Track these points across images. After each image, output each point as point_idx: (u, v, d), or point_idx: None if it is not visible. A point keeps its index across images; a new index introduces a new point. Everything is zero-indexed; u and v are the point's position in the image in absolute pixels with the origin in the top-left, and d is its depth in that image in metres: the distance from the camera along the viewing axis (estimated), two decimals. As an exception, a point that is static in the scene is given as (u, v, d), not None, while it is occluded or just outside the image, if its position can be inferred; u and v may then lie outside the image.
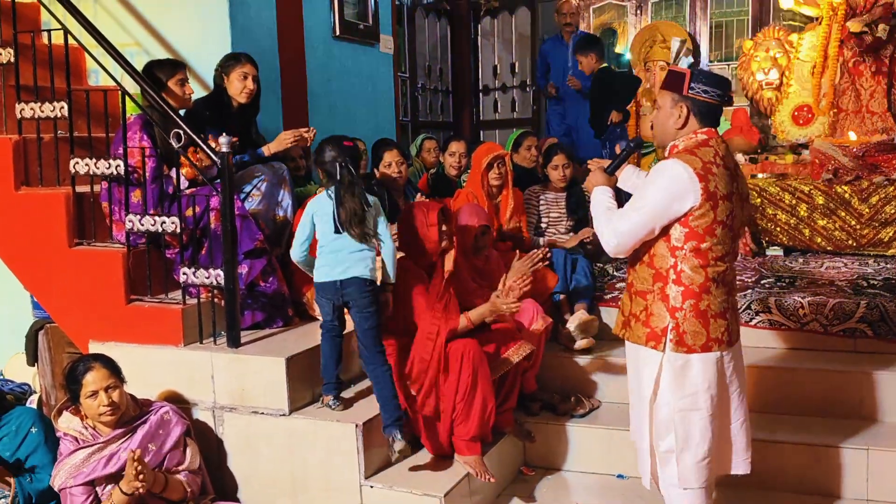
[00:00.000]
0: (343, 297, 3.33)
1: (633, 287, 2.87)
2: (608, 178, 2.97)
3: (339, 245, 3.33)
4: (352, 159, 3.41)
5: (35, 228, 3.79)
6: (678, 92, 2.77)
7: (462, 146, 5.16)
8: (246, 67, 4.07)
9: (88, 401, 3.11)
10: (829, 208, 5.32)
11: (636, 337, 2.83)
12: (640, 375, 2.86)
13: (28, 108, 3.79)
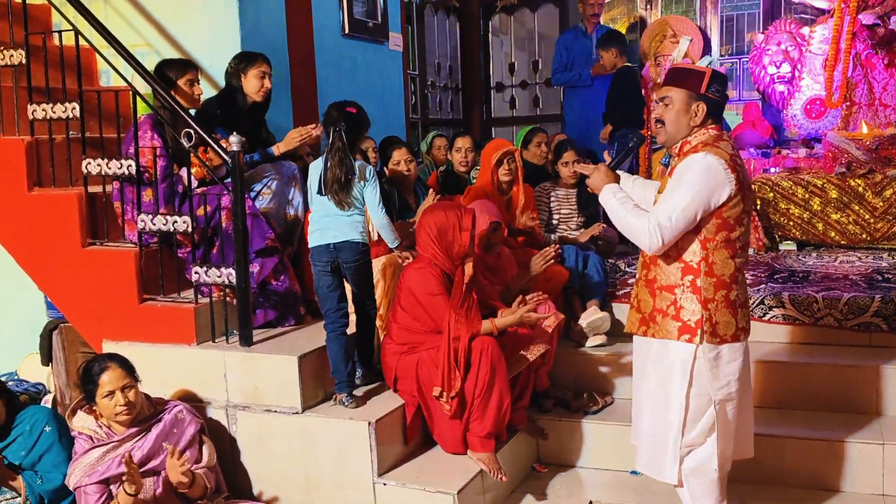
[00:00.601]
0: (338, 260, 3.48)
1: (656, 283, 2.83)
2: (612, 175, 2.96)
3: (328, 209, 3.49)
4: (350, 126, 3.51)
5: (48, 229, 3.81)
6: (695, 90, 2.78)
7: (467, 141, 5.15)
8: (264, 66, 4.11)
9: (104, 401, 3.13)
10: (842, 202, 5.28)
11: (665, 332, 2.80)
12: (665, 371, 2.82)
13: (40, 110, 3.81)
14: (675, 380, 2.80)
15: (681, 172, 2.73)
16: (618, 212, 2.83)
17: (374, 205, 3.56)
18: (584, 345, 4.14)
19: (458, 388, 3.30)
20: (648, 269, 2.88)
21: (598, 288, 4.29)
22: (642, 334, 2.90)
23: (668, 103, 2.83)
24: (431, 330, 3.42)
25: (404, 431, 3.48)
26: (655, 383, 2.87)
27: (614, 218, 2.86)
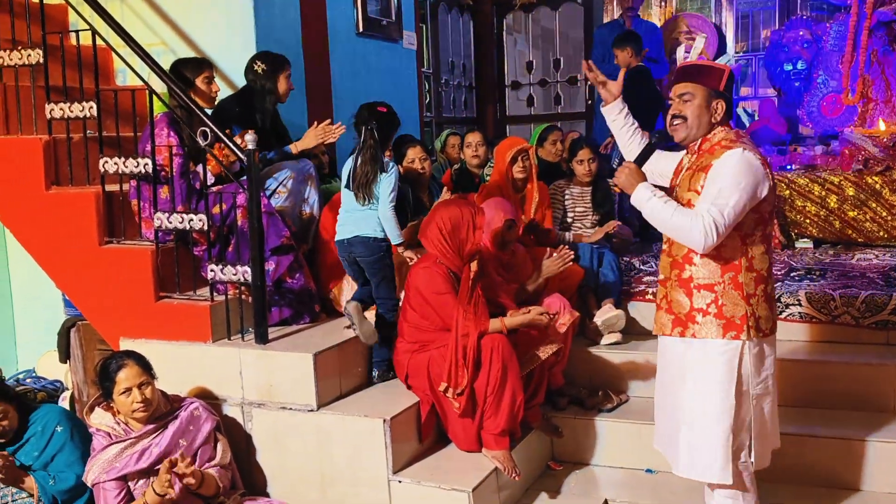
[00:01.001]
0: (352, 254, 3.67)
1: (692, 281, 2.78)
2: (641, 173, 2.87)
3: (350, 204, 3.71)
4: (381, 125, 3.71)
5: (66, 227, 3.84)
6: (715, 87, 2.78)
7: (477, 136, 5.15)
8: (289, 68, 4.20)
9: (122, 397, 3.15)
10: (859, 199, 5.25)
11: (707, 331, 2.75)
12: (709, 372, 2.76)
13: (57, 109, 3.84)
14: (721, 380, 2.75)
15: (721, 169, 2.68)
16: (661, 212, 2.74)
17: (384, 196, 3.65)
18: (599, 343, 4.13)
19: (465, 384, 3.30)
20: (682, 268, 2.82)
21: (613, 286, 4.28)
22: (678, 336, 2.83)
23: (688, 99, 2.80)
24: (441, 328, 3.43)
25: (419, 429, 3.49)
26: (696, 385, 2.79)
27: (657, 217, 2.76)
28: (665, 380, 2.95)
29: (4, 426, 3.42)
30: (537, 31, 8.97)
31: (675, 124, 2.83)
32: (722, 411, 2.76)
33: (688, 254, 2.78)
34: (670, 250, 2.87)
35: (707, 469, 2.81)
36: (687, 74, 2.84)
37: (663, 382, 2.97)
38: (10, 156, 3.93)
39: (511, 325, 3.39)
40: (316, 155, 4.59)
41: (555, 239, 4.49)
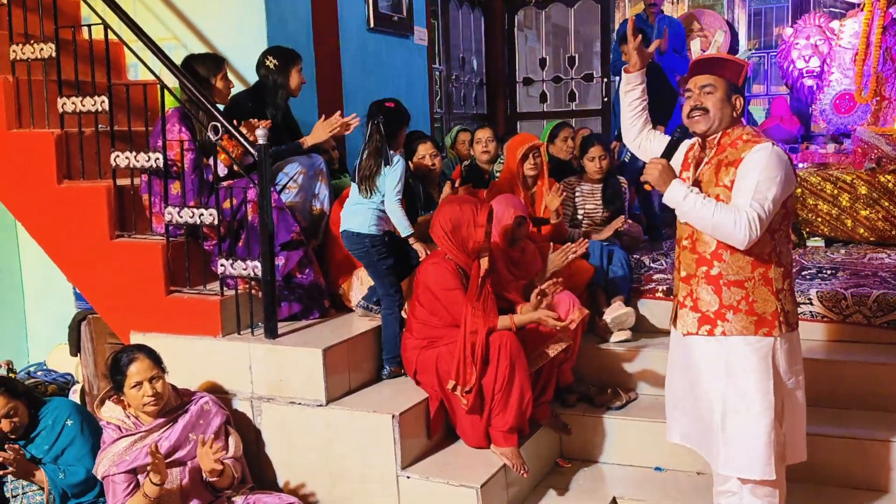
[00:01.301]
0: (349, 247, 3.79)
1: (721, 278, 2.73)
2: (672, 169, 2.77)
3: (354, 198, 3.81)
4: (388, 119, 3.77)
5: (77, 221, 3.85)
6: (735, 82, 2.75)
7: (487, 132, 5.15)
8: (301, 63, 4.20)
9: (133, 391, 3.16)
10: (871, 198, 5.22)
11: (738, 328, 2.72)
12: (743, 369, 2.72)
13: (69, 103, 3.85)
14: (758, 377, 2.72)
15: (754, 163, 2.64)
16: (701, 209, 2.65)
17: (391, 188, 3.70)
18: (608, 340, 4.12)
19: (473, 382, 3.30)
20: (710, 264, 2.76)
21: (623, 283, 4.26)
22: (705, 334, 2.78)
23: (710, 91, 2.74)
24: (449, 324, 3.43)
25: (428, 425, 3.49)
26: (733, 384, 2.74)
27: (697, 214, 2.67)
28: (692, 378, 2.86)
29: (15, 423, 3.44)
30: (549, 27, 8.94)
31: (696, 116, 2.76)
32: (762, 409, 2.71)
33: (716, 250, 2.74)
34: (695, 247, 2.80)
35: (750, 467, 2.76)
36: (708, 66, 2.79)
37: (691, 381, 2.87)
38: (22, 149, 3.94)
39: (520, 323, 3.38)
40: (327, 150, 4.60)
41: (565, 235, 4.48)
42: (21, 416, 3.47)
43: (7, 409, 3.43)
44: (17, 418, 3.45)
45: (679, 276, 2.89)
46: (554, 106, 8.99)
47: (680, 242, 2.89)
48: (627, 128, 3.09)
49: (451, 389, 3.37)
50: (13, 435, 3.46)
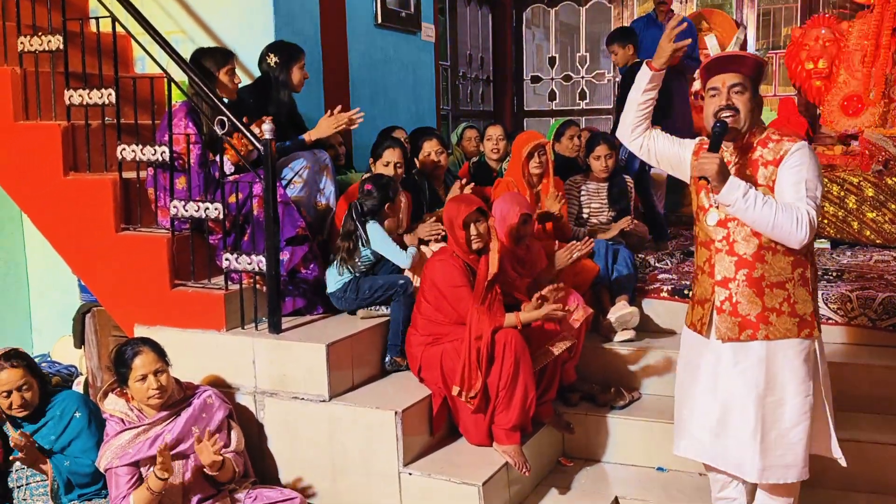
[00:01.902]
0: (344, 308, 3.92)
1: (763, 280, 2.66)
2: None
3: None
4: (363, 199, 3.82)
5: (83, 213, 3.86)
6: (759, 81, 2.72)
7: (498, 130, 5.14)
8: (303, 59, 4.18)
9: (137, 384, 3.16)
10: (878, 200, 5.20)
11: (781, 331, 2.66)
12: (789, 373, 2.67)
13: (76, 95, 3.86)
14: (803, 379, 2.68)
15: (798, 161, 2.61)
16: (763, 207, 2.56)
17: (374, 236, 3.77)
18: (612, 339, 4.12)
19: (478, 389, 3.30)
20: (752, 266, 2.67)
21: (628, 282, 4.26)
22: (747, 339, 2.69)
23: (739, 91, 2.67)
24: (455, 321, 3.43)
25: (430, 422, 3.49)
26: (767, 390, 2.68)
27: (759, 213, 2.56)
28: (725, 387, 2.74)
29: (26, 399, 3.43)
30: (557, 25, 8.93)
31: (727, 116, 2.66)
32: (804, 411, 2.69)
33: (758, 252, 2.66)
34: (732, 249, 2.70)
35: (789, 470, 2.72)
36: (735, 64, 2.70)
37: (724, 390, 2.75)
38: (29, 141, 3.95)
39: (526, 320, 3.38)
40: (333, 146, 4.60)
41: (569, 234, 4.47)
42: (33, 395, 3.46)
43: (21, 383, 3.42)
44: (29, 393, 3.44)
45: (712, 281, 2.75)
46: (563, 104, 8.98)
47: (710, 245, 2.76)
48: (631, 126, 2.94)
49: (457, 395, 3.37)
50: (21, 412, 3.45)
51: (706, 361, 2.80)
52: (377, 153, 4.27)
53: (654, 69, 2.80)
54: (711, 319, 2.77)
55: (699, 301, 2.83)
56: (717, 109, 2.68)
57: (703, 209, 2.78)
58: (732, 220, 2.68)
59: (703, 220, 2.79)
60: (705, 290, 2.79)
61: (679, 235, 5.90)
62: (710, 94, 2.73)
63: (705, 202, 2.78)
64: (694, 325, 2.85)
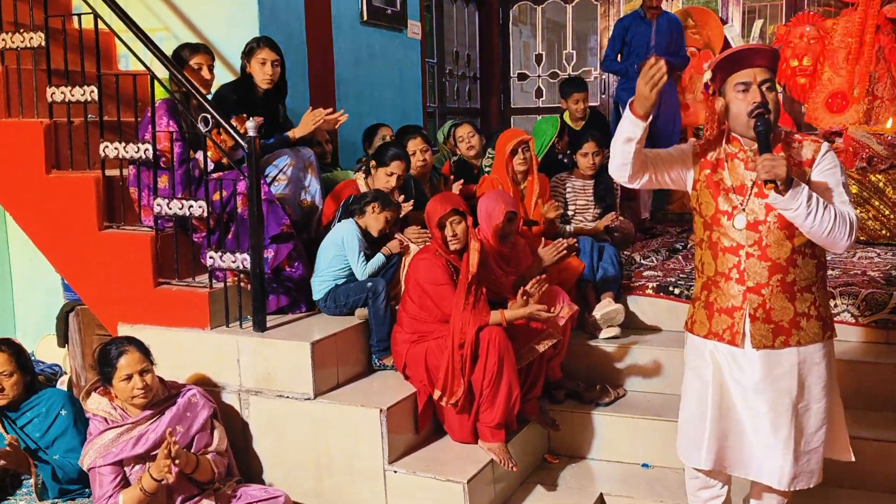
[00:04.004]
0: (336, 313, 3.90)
1: (795, 285, 2.59)
2: None
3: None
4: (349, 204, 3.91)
5: (65, 212, 3.83)
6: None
7: (467, 128, 5.17)
8: (264, 53, 4.04)
9: (122, 384, 3.14)
10: (862, 197, 5.23)
11: (811, 336, 2.61)
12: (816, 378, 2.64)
13: (59, 93, 3.83)
14: (828, 382, 2.66)
15: (829, 164, 2.56)
16: (824, 211, 2.44)
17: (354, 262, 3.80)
18: (597, 336, 4.12)
19: (460, 395, 3.31)
20: (785, 271, 2.58)
21: (613, 280, 4.27)
22: (781, 346, 2.61)
23: (769, 87, 2.54)
24: (439, 320, 3.43)
25: (415, 419, 3.49)
26: (798, 396, 2.63)
27: (819, 217, 2.43)
28: (760, 395, 2.65)
29: (4, 386, 3.42)
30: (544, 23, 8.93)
31: (767, 116, 2.50)
32: (825, 415, 2.68)
33: (791, 255, 2.57)
34: (765, 253, 2.58)
35: (813, 475, 2.70)
36: (764, 58, 2.55)
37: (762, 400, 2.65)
38: (10, 139, 3.92)
39: (510, 318, 3.38)
40: (320, 143, 4.59)
41: (555, 231, 4.48)
42: (14, 386, 3.44)
43: (3, 369, 3.41)
44: (9, 382, 3.42)
45: (742, 288, 2.62)
46: (550, 101, 8.98)
47: (738, 251, 2.62)
48: (628, 171, 2.67)
49: (438, 400, 3.38)
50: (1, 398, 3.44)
51: (734, 371, 2.68)
52: (382, 160, 4.08)
53: (640, 117, 2.53)
54: (745, 329, 2.64)
55: (724, 310, 2.67)
56: (754, 108, 2.51)
57: (727, 213, 2.64)
58: (763, 222, 2.58)
59: (727, 224, 2.63)
60: (732, 298, 2.65)
61: (665, 233, 5.91)
62: (740, 90, 2.56)
63: (727, 206, 2.63)
64: (717, 335, 2.69)
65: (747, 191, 2.62)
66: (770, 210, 2.57)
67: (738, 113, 2.57)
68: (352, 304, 3.77)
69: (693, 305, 2.83)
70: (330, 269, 3.82)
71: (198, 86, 3.77)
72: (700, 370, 2.76)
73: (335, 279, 3.82)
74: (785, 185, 2.39)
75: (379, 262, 3.84)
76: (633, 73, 6.04)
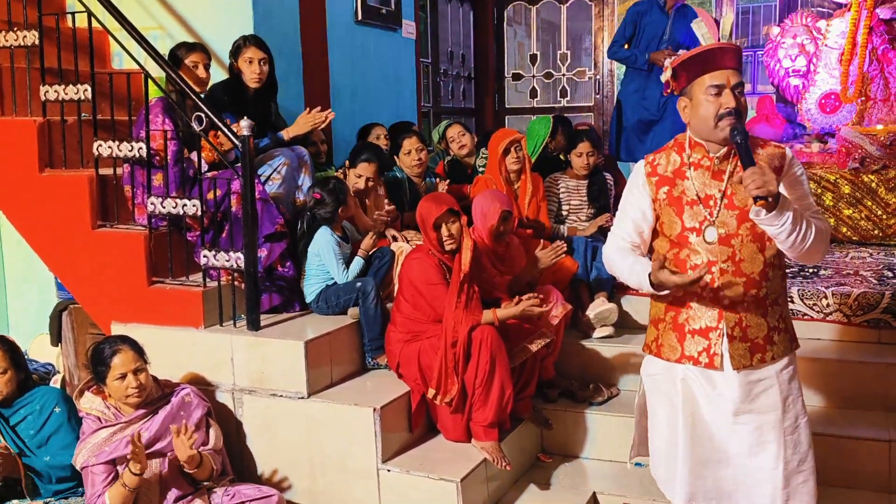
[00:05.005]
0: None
1: (768, 299, 2.49)
2: None
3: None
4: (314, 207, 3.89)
5: (59, 210, 3.83)
6: None
7: (456, 128, 5.18)
8: (251, 51, 4.03)
9: (116, 383, 3.14)
10: (855, 198, 5.25)
11: (783, 349, 2.52)
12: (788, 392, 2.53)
13: (52, 91, 3.82)
14: (800, 396, 2.57)
15: (796, 170, 2.47)
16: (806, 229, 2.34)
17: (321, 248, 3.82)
18: (591, 336, 4.13)
19: (454, 394, 3.32)
20: (758, 286, 2.46)
21: (607, 279, 4.27)
22: (758, 364, 2.49)
23: (741, 91, 2.41)
24: (432, 319, 3.43)
25: (409, 419, 3.49)
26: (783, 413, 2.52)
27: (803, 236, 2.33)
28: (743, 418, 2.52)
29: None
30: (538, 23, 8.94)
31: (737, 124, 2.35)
32: (809, 434, 2.57)
33: (763, 269, 2.46)
34: (739, 269, 2.45)
35: (812, 496, 2.57)
36: (736, 60, 2.41)
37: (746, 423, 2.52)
38: (3, 137, 3.91)
39: (503, 317, 3.38)
40: (315, 143, 4.59)
41: (550, 232, 4.48)
42: (8, 384, 3.43)
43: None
44: (6, 377, 3.42)
45: (718, 307, 2.48)
46: (544, 102, 9.00)
47: (710, 268, 2.45)
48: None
49: (432, 398, 3.38)
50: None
51: (711, 396, 2.53)
52: (354, 161, 4.20)
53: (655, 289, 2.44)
54: (722, 348, 2.49)
55: (697, 331, 2.51)
56: (725, 113, 2.37)
57: (695, 229, 2.48)
58: (735, 235, 2.44)
59: (696, 241, 2.48)
60: (708, 318, 2.50)
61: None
62: (712, 93, 2.39)
63: (694, 221, 2.48)
64: (692, 358, 2.53)
65: (716, 202, 2.46)
66: (742, 222, 2.43)
67: (707, 116, 2.41)
68: (343, 305, 3.77)
69: (656, 328, 2.64)
70: (317, 275, 3.85)
71: (193, 84, 3.78)
72: (670, 396, 2.60)
73: (324, 281, 3.82)
74: (774, 201, 2.24)
75: (358, 265, 3.85)
76: (642, 63, 5.80)
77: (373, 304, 3.70)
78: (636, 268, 2.52)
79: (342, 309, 3.79)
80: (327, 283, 3.82)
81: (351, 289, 3.75)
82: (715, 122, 2.39)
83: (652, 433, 2.73)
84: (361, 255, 3.88)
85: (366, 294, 3.70)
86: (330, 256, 3.80)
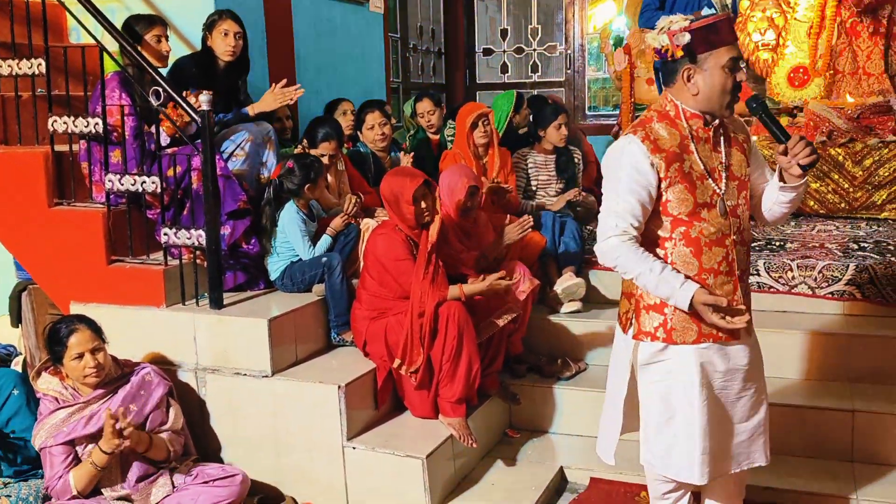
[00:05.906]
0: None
1: (746, 273, 2.56)
2: None
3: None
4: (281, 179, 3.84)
5: (14, 188, 3.74)
6: None
7: (426, 104, 5.13)
8: (226, 24, 3.96)
9: (73, 363, 3.08)
10: (822, 171, 5.26)
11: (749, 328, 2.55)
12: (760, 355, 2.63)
13: (5, 66, 3.73)
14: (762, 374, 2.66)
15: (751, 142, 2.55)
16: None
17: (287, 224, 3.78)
18: (559, 311, 4.12)
19: (419, 364, 3.29)
20: (749, 254, 2.59)
21: (575, 255, 4.26)
22: (752, 330, 2.57)
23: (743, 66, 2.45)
24: (399, 296, 3.40)
25: (375, 396, 3.47)
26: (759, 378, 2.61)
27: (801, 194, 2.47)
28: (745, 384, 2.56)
29: None
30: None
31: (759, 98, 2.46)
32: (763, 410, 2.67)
33: (751, 238, 2.59)
34: (743, 238, 2.50)
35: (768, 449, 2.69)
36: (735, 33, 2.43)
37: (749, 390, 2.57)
38: (-45, 114, 3.81)
39: (470, 293, 3.36)
40: (280, 118, 4.52)
41: (517, 207, 4.46)
42: None
43: None
44: None
45: (733, 279, 2.47)
46: (515, 77, 8.95)
47: (725, 241, 2.44)
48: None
49: (397, 368, 3.35)
50: None
51: (727, 366, 2.51)
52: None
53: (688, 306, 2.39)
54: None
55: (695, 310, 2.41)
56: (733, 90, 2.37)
57: (707, 204, 2.43)
58: (738, 206, 2.47)
59: (710, 215, 2.43)
60: (725, 292, 2.45)
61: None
62: (730, 66, 2.35)
63: (706, 196, 2.42)
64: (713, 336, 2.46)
65: (720, 174, 2.44)
66: (741, 191, 2.47)
67: (723, 89, 2.36)
68: (308, 281, 3.73)
69: (659, 312, 2.49)
70: (282, 252, 3.80)
71: (155, 59, 3.70)
72: (684, 381, 2.49)
73: (290, 259, 3.77)
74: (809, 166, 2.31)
75: (326, 243, 3.81)
76: None
77: (338, 279, 3.66)
78: (667, 277, 2.37)
79: (307, 286, 3.74)
80: (292, 259, 3.78)
81: (316, 264, 3.71)
82: (731, 95, 2.37)
83: (656, 421, 2.61)
84: (330, 234, 3.83)
85: (331, 269, 3.66)
86: (295, 233, 3.75)
